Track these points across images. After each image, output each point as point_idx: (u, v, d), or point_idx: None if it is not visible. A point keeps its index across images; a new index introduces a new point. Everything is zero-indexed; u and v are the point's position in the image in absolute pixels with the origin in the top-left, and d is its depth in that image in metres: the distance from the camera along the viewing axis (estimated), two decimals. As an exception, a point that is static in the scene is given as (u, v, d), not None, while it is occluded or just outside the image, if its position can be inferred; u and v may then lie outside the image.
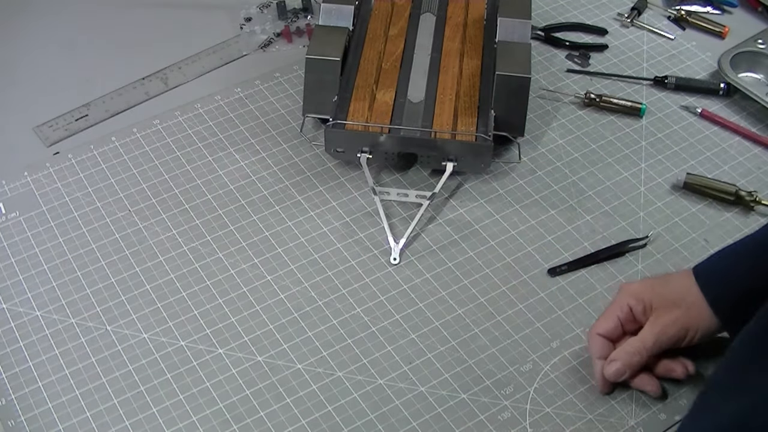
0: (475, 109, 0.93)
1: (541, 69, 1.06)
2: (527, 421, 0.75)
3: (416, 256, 0.86)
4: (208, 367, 0.78)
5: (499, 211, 0.91)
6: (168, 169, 0.94)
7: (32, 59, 1.07)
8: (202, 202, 0.91)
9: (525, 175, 0.94)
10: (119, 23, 1.11)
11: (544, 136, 0.98)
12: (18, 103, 1.01)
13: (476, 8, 1.05)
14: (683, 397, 0.76)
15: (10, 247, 0.86)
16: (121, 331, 0.80)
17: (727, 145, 0.97)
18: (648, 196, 0.92)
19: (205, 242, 0.87)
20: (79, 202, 0.90)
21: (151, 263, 0.85)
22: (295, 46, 1.09)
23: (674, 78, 1.03)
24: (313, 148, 0.96)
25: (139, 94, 1.02)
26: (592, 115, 1.01)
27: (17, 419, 0.74)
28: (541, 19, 1.11)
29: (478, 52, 0.99)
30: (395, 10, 1.05)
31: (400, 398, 0.76)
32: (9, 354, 0.78)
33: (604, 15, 1.13)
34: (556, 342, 0.80)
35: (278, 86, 1.03)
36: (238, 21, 1.11)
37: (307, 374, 0.77)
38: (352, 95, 0.94)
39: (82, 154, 0.95)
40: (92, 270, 0.85)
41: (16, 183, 0.92)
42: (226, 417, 0.75)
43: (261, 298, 0.83)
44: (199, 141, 0.96)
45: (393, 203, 0.91)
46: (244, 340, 0.80)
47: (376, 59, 0.98)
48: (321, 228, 0.89)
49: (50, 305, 0.82)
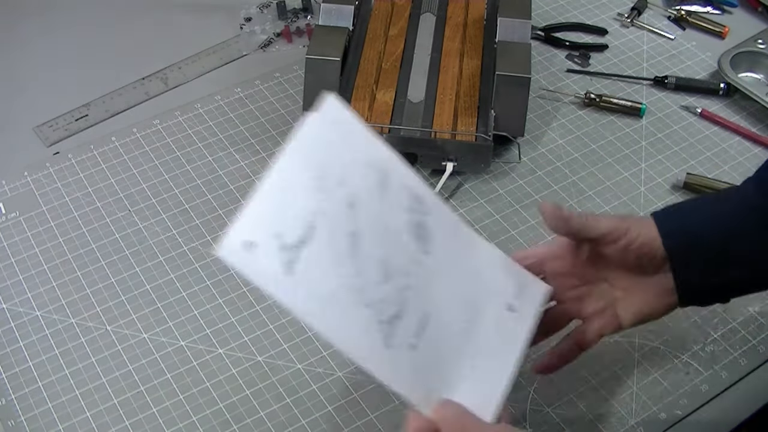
0: (475, 109, 0.93)
1: (541, 69, 1.06)
2: (527, 421, 0.75)
3: (416, 256, 0.86)
4: (208, 367, 0.78)
5: (499, 211, 0.91)
6: (168, 169, 0.94)
7: (32, 59, 1.07)
8: (202, 202, 0.91)
9: (525, 175, 0.94)
10: (119, 23, 1.11)
11: (544, 136, 0.98)
12: (18, 103, 1.01)
13: (476, 8, 1.05)
14: (683, 397, 0.76)
15: (10, 247, 0.86)
16: (121, 331, 0.80)
17: (727, 145, 0.97)
18: (648, 196, 0.92)
19: (205, 242, 0.87)
20: (79, 202, 0.90)
21: (151, 263, 0.85)
22: (295, 46, 1.09)
23: (674, 78, 1.03)
24: (313, 148, 0.95)
25: (139, 94, 1.02)
26: (592, 115, 1.01)
27: (17, 419, 0.74)
28: (541, 19, 1.11)
29: (478, 52, 0.99)
30: (395, 10, 1.05)
31: (400, 398, 0.76)
32: (9, 354, 0.78)
33: (604, 15, 1.13)
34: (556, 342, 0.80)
35: (278, 86, 1.03)
36: (238, 21, 1.11)
37: (307, 374, 0.77)
38: (352, 95, 0.94)
39: (82, 154, 0.95)
40: (92, 270, 0.85)
41: (16, 183, 0.92)
42: (226, 417, 0.75)
43: (261, 298, 0.83)
44: (199, 141, 0.96)
45: (393, 203, 0.91)
46: (244, 340, 0.80)
47: (376, 59, 0.98)
48: (321, 228, 0.88)
49: (50, 305, 0.82)
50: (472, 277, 0.61)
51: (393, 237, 0.57)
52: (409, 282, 0.57)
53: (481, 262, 0.63)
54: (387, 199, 0.57)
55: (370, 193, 0.57)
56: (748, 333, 0.81)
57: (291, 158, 0.56)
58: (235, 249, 0.52)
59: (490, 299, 0.61)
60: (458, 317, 0.59)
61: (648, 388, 0.77)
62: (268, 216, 0.54)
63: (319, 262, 0.54)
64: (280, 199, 0.55)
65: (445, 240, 0.60)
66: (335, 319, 0.54)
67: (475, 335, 0.59)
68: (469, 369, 0.59)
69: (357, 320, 0.55)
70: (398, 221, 0.57)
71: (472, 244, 0.63)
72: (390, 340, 0.55)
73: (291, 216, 0.54)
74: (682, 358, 0.79)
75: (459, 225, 0.62)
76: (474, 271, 0.61)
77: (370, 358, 0.55)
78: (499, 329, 0.61)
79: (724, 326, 0.81)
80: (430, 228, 0.59)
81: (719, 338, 0.81)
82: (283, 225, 0.54)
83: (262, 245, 0.53)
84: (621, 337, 0.80)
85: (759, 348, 0.80)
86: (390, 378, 0.55)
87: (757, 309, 0.83)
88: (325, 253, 0.54)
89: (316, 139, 0.57)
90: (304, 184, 0.55)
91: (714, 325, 0.82)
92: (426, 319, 0.57)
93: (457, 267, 0.60)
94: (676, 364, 0.79)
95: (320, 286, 0.54)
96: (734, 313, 0.82)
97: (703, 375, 0.78)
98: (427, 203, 0.60)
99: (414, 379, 0.56)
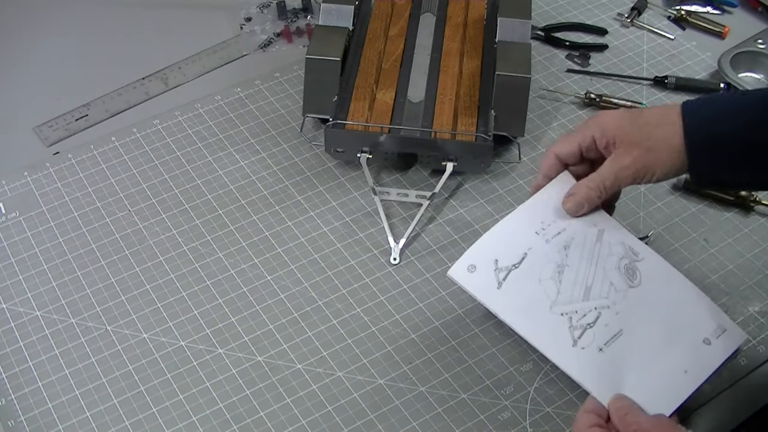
0: (475, 109, 0.93)
1: (541, 69, 1.06)
2: (527, 421, 0.75)
3: (416, 256, 0.86)
4: (208, 367, 0.78)
5: (499, 211, 0.91)
6: (168, 169, 0.94)
7: (32, 59, 1.07)
8: (202, 202, 0.91)
9: (525, 175, 0.94)
10: (119, 23, 1.12)
11: (544, 136, 0.98)
12: (18, 103, 1.01)
13: (476, 8, 1.05)
14: (683, 397, 0.76)
15: (10, 247, 0.86)
16: (121, 331, 0.80)
17: (727, 145, 0.97)
18: (648, 196, 0.92)
19: (205, 242, 0.87)
20: (79, 202, 0.90)
21: (151, 263, 0.85)
22: (295, 46, 1.09)
23: (674, 78, 1.03)
24: (313, 148, 0.96)
25: (139, 94, 1.02)
26: (592, 115, 1.00)
27: (17, 419, 0.74)
28: (541, 19, 1.11)
29: (478, 52, 0.99)
30: (395, 10, 1.05)
31: (400, 398, 0.76)
32: (9, 354, 0.78)
33: (604, 15, 1.13)
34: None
35: (278, 86, 1.03)
36: (238, 21, 1.11)
37: (307, 374, 0.77)
38: (352, 95, 0.94)
39: (82, 154, 0.95)
40: (92, 270, 0.85)
41: (16, 183, 0.92)
42: (226, 417, 0.75)
43: (261, 298, 0.83)
44: (199, 141, 0.96)
45: (393, 203, 0.91)
46: (244, 340, 0.80)
47: (376, 59, 0.98)
48: (321, 228, 0.89)
49: (50, 305, 0.82)
50: (677, 310, 0.73)
51: (601, 272, 0.73)
52: (607, 303, 0.72)
53: (688, 300, 0.74)
54: (602, 247, 0.74)
55: (585, 240, 0.74)
56: (748, 333, 0.81)
57: (522, 212, 0.76)
58: (461, 270, 0.73)
59: (690, 330, 0.73)
60: (653, 338, 0.71)
61: (648, 388, 0.77)
62: (492, 247, 0.74)
63: (524, 281, 0.72)
64: (504, 238, 0.74)
65: (653, 279, 0.74)
66: (531, 323, 0.71)
67: (668, 355, 0.71)
68: (653, 377, 0.70)
69: (550, 324, 0.71)
70: (610, 262, 0.74)
71: (681, 286, 0.75)
72: (579, 342, 0.71)
73: (510, 248, 0.74)
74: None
75: (670, 269, 0.75)
76: (679, 306, 0.73)
77: (558, 353, 0.70)
78: (692, 355, 0.71)
79: (724, 326, 0.82)
80: (639, 269, 0.74)
81: (719, 338, 0.81)
82: (502, 254, 0.74)
83: (482, 267, 0.73)
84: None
85: (759, 348, 0.80)
86: (575, 371, 0.70)
87: (757, 309, 0.83)
88: (531, 274, 0.73)
89: (546, 201, 0.75)
90: (527, 230, 0.75)
91: (714, 325, 0.82)
92: (619, 334, 0.71)
93: (661, 300, 0.73)
94: (676, 364, 0.79)
95: (522, 298, 0.72)
96: (734, 313, 0.82)
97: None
98: (641, 253, 0.75)
99: (597, 375, 0.69)
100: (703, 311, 0.74)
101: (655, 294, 0.73)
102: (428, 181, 0.93)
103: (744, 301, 0.83)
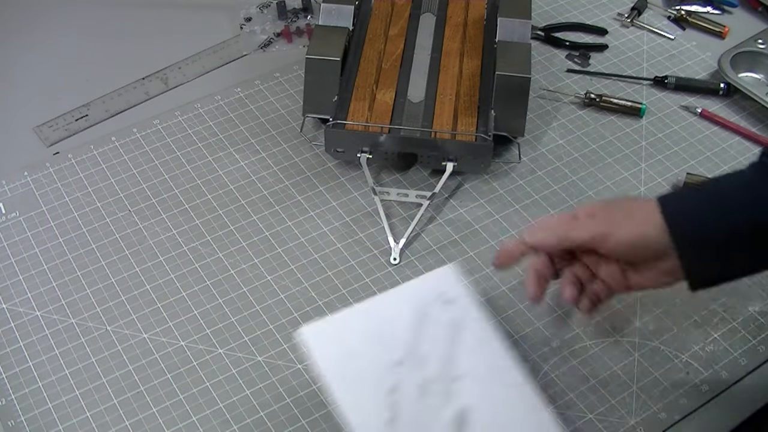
0: (475, 109, 0.93)
1: (541, 69, 1.06)
2: (527, 421, 0.75)
3: (416, 256, 0.86)
4: (208, 367, 0.78)
5: (499, 211, 0.91)
6: (168, 169, 0.94)
7: (32, 59, 1.07)
8: (202, 202, 0.91)
9: (525, 175, 0.94)
10: (119, 23, 1.12)
11: (544, 136, 0.98)
12: (18, 103, 1.01)
13: (476, 8, 1.05)
14: (684, 397, 0.76)
15: (10, 247, 0.86)
16: (121, 331, 0.80)
17: (727, 145, 0.97)
18: (648, 196, 0.92)
19: (205, 242, 0.87)
20: (79, 202, 0.90)
21: (151, 263, 0.85)
22: (295, 46, 1.09)
23: (674, 78, 1.03)
24: (313, 148, 0.96)
25: (139, 94, 1.02)
26: (592, 115, 1.01)
27: (17, 419, 0.74)
28: (541, 19, 1.11)
29: (478, 52, 0.99)
30: (395, 10, 1.05)
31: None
32: (9, 354, 0.78)
33: (604, 15, 1.13)
34: (556, 342, 0.80)
35: (278, 86, 1.03)
36: (238, 21, 1.11)
37: (308, 374, 0.77)
38: (352, 95, 0.94)
39: (82, 154, 0.95)
40: (92, 270, 0.85)
41: (16, 183, 0.92)
42: (226, 417, 0.75)
43: (261, 298, 0.83)
44: (199, 141, 0.96)
45: (393, 203, 0.91)
46: (244, 340, 0.80)
47: (376, 59, 0.98)
48: (321, 228, 0.89)
49: (50, 305, 0.82)
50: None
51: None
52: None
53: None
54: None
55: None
56: (748, 333, 0.81)
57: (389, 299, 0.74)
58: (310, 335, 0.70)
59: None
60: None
61: (648, 388, 0.77)
62: (352, 325, 0.71)
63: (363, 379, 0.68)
64: (366, 322, 0.72)
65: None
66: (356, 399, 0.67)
67: None
68: None
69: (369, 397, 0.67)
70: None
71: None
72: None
73: (356, 331, 0.71)
74: (682, 358, 0.79)
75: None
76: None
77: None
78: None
79: (724, 326, 0.82)
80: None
81: (719, 338, 0.81)
82: (349, 335, 0.71)
83: (333, 339, 0.70)
84: (621, 336, 0.80)
85: (759, 348, 0.80)
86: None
87: (757, 309, 0.83)
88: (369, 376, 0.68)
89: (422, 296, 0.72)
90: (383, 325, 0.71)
91: (714, 325, 0.82)
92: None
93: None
94: (676, 364, 0.79)
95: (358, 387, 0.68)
96: (734, 313, 0.82)
97: (703, 375, 0.78)
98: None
99: None
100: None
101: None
102: (428, 181, 0.93)
103: (744, 301, 0.83)
